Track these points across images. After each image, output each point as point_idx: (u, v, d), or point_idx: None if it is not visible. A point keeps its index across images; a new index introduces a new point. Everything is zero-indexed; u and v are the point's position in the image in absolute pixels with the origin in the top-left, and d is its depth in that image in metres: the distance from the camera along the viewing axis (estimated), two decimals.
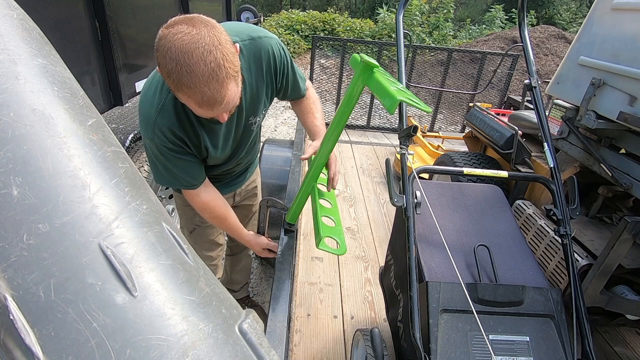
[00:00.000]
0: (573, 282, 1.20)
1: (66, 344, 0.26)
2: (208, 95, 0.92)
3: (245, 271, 2.19)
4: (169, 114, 1.12)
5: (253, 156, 1.62)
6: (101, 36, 1.98)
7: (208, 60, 0.88)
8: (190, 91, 0.91)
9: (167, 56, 0.87)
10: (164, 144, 1.14)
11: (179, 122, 1.14)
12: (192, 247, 0.40)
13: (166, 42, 0.87)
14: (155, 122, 1.11)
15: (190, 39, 0.86)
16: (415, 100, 0.93)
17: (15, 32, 0.34)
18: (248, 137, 1.39)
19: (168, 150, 1.16)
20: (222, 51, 0.90)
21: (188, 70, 0.87)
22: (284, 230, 1.41)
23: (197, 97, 0.92)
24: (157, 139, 1.13)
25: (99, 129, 0.36)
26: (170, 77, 0.90)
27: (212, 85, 0.90)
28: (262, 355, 0.34)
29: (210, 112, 0.98)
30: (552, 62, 7.68)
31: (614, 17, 1.52)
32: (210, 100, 0.93)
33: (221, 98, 0.94)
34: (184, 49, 0.86)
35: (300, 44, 8.66)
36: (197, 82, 0.89)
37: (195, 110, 0.99)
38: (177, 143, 1.16)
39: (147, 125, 1.13)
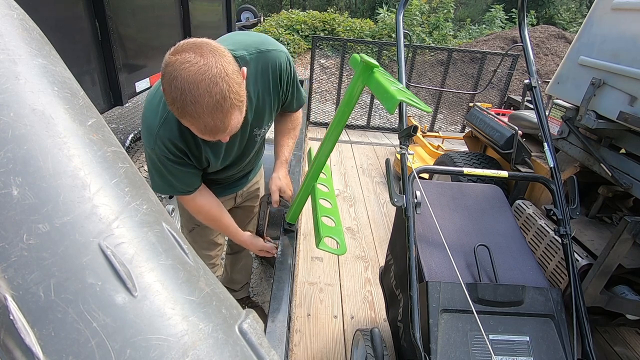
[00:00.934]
0: (573, 282, 1.20)
1: (66, 344, 0.26)
2: (211, 125, 0.92)
3: (246, 270, 2.19)
4: (171, 126, 1.12)
5: (257, 160, 1.63)
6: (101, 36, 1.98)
7: (214, 92, 0.87)
8: (193, 120, 0.91)
9: (173, 85, 0.87)
10: (164, 154, 1.15)
11: (181, 134, 1.14)
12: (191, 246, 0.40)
13: (173, 70, 0.87)
14: (158, 134, 1.12)
15: (197, 70, 0.86)
16: (415, 100, 0.93)
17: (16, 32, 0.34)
18: (252, 147, 1.40)
19: (168, 161, 1.16)
20: (229, 82, 0.90)
21: (193, 100, 0.87)
22: (284, 230, 1.41)
23: (200, 126, 0.93)
24: (159, 150, 1.14)
25: (99, 129, 0.36)
26: (175, 104, 0.90)
27: (217, 116, 0.91)
28: (262, 355, 0.34)
29: (212, 138, 0.99)
30: (552, 62, 7.68)
31: (614, 17, 1.52)
32: (214, 129, 0.94)
33: (224, 127, 0.94)
34: (190, 80, 0.86)
35: (300, 44, 8.66)
36: (201, 112, 0.89)
37: (198, 134, 0.99)
38: (177, 154, 1.17)
39: (149, 136, 1.13)
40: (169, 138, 1.12)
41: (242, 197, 1.73)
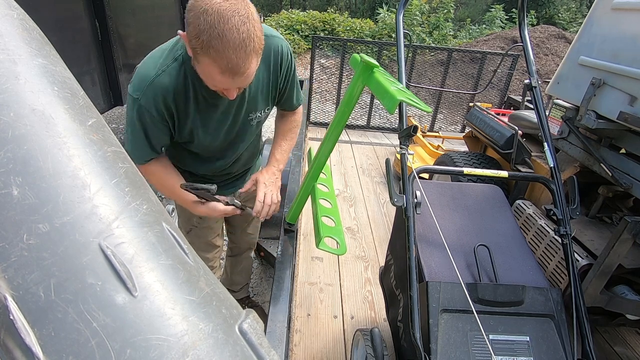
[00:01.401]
0: (573, 282, 1.20)
1: (66, 344, 0.26)
2: (234, 63, 0.94)
3: (246, 272, 2.19)
4: (169, 78, 1.11)
5: (253, 157, 1.61)
6: (101, 36, 1.98)
7: (242, 30, 0.91)
8: (217, 55, 0.93)
9: (202, 17, 0.90)
10: (148, 108, 1.12)
11: (175, 91, 1.13)
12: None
13: (203, 4, 0.90)
14: (152, 83, 1.10)
15: (228, 7, 0.91)
16: (415, 100, 0.93)
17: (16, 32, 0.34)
18: (246, 132, 1.37)
19: (148, 116, 1.13)
20: (254, 25, 0.94)
21: (221, 34, 0.90)
22: (284, 230, 1.41)
23: (223, 63, 0.94)
24: (144, 100, 1.11)
25: (99, 129, 0.36)
26: (200, 37, 0.92)
27: (240, 55, 0.93)
28: (262, 355, 0.34)
29: (229, 81, 1.00)
30: (552, 62, 7.68)
31: (614, 17, 1.52)
32: (235, 68, 0.95)
33: (244, 69, 0.97)
34: (222, 14, 0.90)
35: (300, 44, 8.67)
36: (227, 47, 0.92)
37: (214, 77, 1.00)
38: (161, 111, 1.14)
39: (140, 83, 1.11)
40: (161, 90, 1.11)
41: (241, 197, 1.73)
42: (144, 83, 1.11)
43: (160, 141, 1.22)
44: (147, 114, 1.14)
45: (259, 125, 1.42)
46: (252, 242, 2.03)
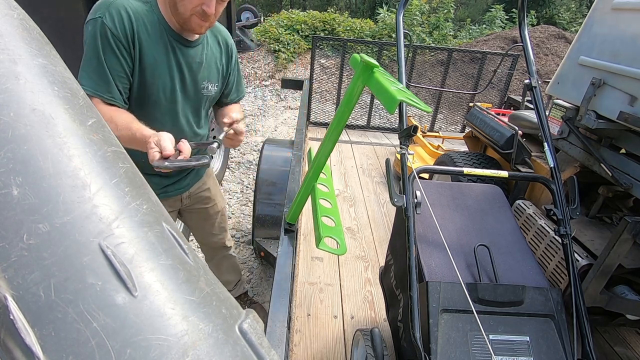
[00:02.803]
0: (573, 282, 1.20)
1: (66, 344, 0.26)
2: None
3: (233, 270, 2.14)
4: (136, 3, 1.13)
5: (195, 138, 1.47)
6: None
7: None
8: None
9: None
10: (110, 27, 1.09)
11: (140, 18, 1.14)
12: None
13: None
14: (115, 1, 1.09)
15: None
16: (415, 100, 0.93)
17: (16, 32, 0.34)
18: (194, 99, 1.37)
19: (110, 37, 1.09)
20: None
21: None
22: (284, 230, 1.41)
23: None
24: (108, 19, 1.08)
25: (99, 129, 0.36)
26: None
27: None
28: (262, 355, 0.34)
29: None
30: (552, 62, 7.68)
31: (614, 17, 1.52)
32: None
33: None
34: None
35: (300, 44, 8.67)
36: None
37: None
38: (124, 31, 1.11)
39: (100, 5, 1.10)
40: (126, 10, 1.10)
41: (190, 199, 1.67)
42: (106, 3, 1.09)
43: (117, 72, 1.14)
44: (109, 32, 1.09)
45: (206, 100, 1.42)
46: (222, 241, 1.96)
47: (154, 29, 1.18)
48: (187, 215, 1.79)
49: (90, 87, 1.12)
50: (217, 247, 1.98)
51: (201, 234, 1.90)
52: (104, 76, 1.13)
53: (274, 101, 7.34)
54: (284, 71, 8.15)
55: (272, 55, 8.37)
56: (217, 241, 1.94)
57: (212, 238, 1.91)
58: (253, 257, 2.99)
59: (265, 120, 6.41)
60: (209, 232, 1.89)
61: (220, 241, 1.96)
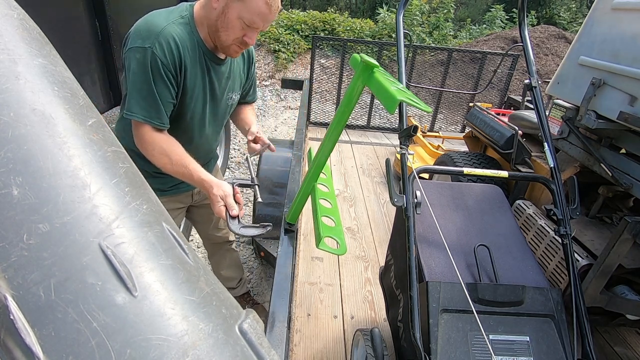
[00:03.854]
0: (573, 282, 1.20)
1: (66, 344, 0.26)
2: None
3: (235, 266, 2.16)
4: (179, 30, 1.16)
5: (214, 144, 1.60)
6: (101, 36, 1.98)
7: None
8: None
9: None
10: (160, 55, 1.11)
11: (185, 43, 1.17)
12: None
13: None
14: (163, 31, 1.12)
15: None
16: (415, 100, 0.93)
17: (16, 32, 0.34)
18: (222, 111, 1.44)
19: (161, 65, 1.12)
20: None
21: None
22: (284, 230, 1.41)
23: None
24: (158, 49, 1.11)
25: (99, 129, 0.36)
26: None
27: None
28: (262, 355, 0.34)
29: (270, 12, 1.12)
30: (552, 62, 7.68)
31: (614, 17, 1.52)
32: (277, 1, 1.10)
33: (280, 5, 1.13)
34: None
35: (300, 44, 8.66)
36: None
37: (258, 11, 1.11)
38: (173, 60, 1.14)
39: (150, 34, 1.11)
40: (174, 39, 1.13)
41: (200, 194, 1.71)
42: (154, 32, 1.11)
43: (166, 98, 1.18)
44: (159, 62, 1.12)
45: (229, 110, 1.49)
46: (226, 236, 2.00)
47: (194, 52, 1.21)
48: (194, 210, 1.81)
49: (141, 115, 1.16)
50: (220, 242, 2.02)
51: (206, 229, 1.93)
52: (155, 104, 1.16)
53: (274, 101, 7.34)
54: (284, 71, 8.14)
55: (272, 55, 8.37)
56: (221, 236, 1.97)
57: (216, 233, 1.95)
58: (253, 257, 2.99)
59: (265, 120, 6.41)
60: (214, 226, 1.92)
61: (225, 236, 2.00)
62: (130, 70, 1.14)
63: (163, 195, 1.54)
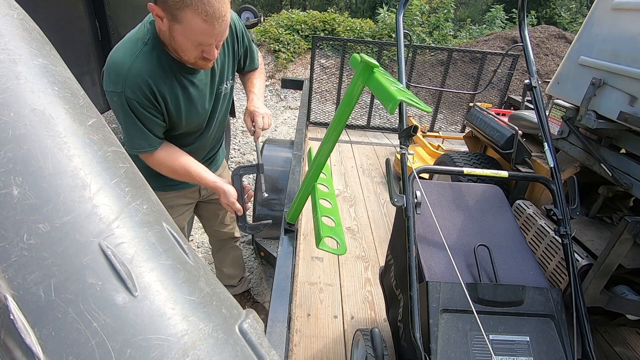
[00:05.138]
0: (573, 282, 1.20)
1: (66, 344, 0.26)
2: (216, 8, 1.00)
3: (237, 263, 2.17)
4: (145, 63, 1.12)
5: (219, 140, 1.62)
6: (101, 36, 1.98)
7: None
8: (200, 3, 0.98)
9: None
10: (135, 97, 1.13)
11: (155, 74, 1.14)
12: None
13: None
14: (129, 71, 1.10)
15: None
16: (415, 100, 0.93)
17: (16, 32, 0.34)
18: (218, 104, 1.42)
19: (138, 105, 1.15)
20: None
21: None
22: (284, 230, 1.41)
23: (206, 9, 0.99)
24: (129, 92, 1.12)
25: (99, 129, 0.36)
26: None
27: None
28: (262, 355, 0.34)
29: (213, 28, 1.04)
30: (552, 62, 7.68)
31: (614, 17, 1.52)
32: (217, 13, 1.01)
33: (224, 13, 1.03)
34: None
35: (300, 44, 8.66)
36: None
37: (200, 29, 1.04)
38: (148, 97, 1.15)
39: (117, 76, 1.11)
40: (142, 76, 1.12)
41: (207, 190, 1.72)
42: (122, 75, 1.11)
43: (157, 126, 1.24)
44: (136, 104, 1.14)
45: (227, 97, 1.47)
46: (231, 232, 2.02)
47: (168, 77, 1.19)
48: (201, 205, 1.83)
49: (131, 147, 1.23)
50: (226, 238, 2.04)
51: (213, 224, 1.94)
52: (143, 135, 1.22)
53: (274, 101, 7.34)
54: (284, 71, 8.14)
55: (272, 55, 8.37)
56: (227, 232, 1.99)
57: (223, 229, 1.96)
58: (253, 257, 2.99)
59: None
60: (221, 222, 1.93)
61: (230, 232, 2.01)
62: (113, 109, 1.20)
63: (172, 189, 1.55)
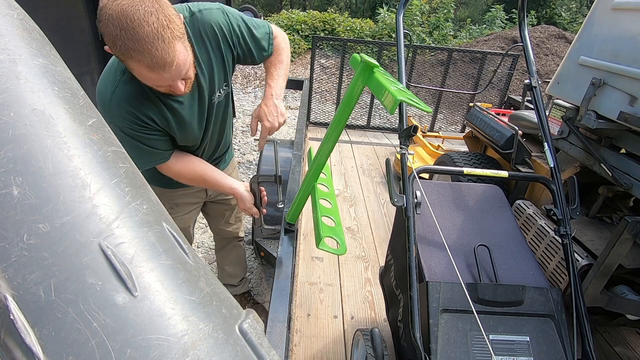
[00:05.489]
0: (573, 282, 1.20)
1: (66, 344, 0.26)
2: (157, 57, 0.91)
3: (239, 263, 2.17)
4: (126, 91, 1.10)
5: (224, 142, 1.59)
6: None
7: (150, 21, 0.88)
8: (139, 55, 0.91)
9: (110, 24, 0.88)
10: (125, 123, 1.12)
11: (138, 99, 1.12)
12: None
13: (107, 10, 0.88)
14: (111, 103, 1.09)
15: (128, 3, 0.87)
16: (415, 100, 0.93)
17: (16, 32, 0.34)
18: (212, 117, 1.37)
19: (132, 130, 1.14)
20: (163, 12, 0.91)
21: (132, 33, 0.88)
22: (284, 230, 1.41)
23: (147, 60, 0.92)
24: (119, 119, 1.11)
25: (99, 129, 0.36)
26: (117, 45, 0.90)
27: (159, 45, 0.90)
28: (262, 355, 0.34)
29: (162, 76, 0.97)
30: (552, 62, 7.68)
31: (614, 17, 1.52)
32: (160, 61, 0.92)
33: (171, 59, 0.94)
34: (126, 14, 0.87)
35: (300, 44, 8.67)
36: (143, 44, 0.89)
37: (148, 77, 0.98)
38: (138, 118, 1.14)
39: (103, 108, 1.11)
40: (122, 106, 1.10)
41: (214, 190, 1.72)
42: (106, 106, 1.10)
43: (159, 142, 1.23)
44: (130, 130, 1.14)
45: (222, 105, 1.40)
46: (236, 232, 2.03)
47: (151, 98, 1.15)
48: (209, 204, 1.83)
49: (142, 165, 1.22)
50: (230, 237, 2.04)
51: (218, 223, 1.95)
52: (147, 152, 1.22)
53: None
54: None
55: None
56: (232, 231, 1.99)
57: (227, 228, 1.97)
58: (253, 257, 2.99)
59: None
60: (226, 221, 1.93)
61: (235, 231, 2.02)
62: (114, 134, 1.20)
63: (180, 187, 1.54)
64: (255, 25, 1.31)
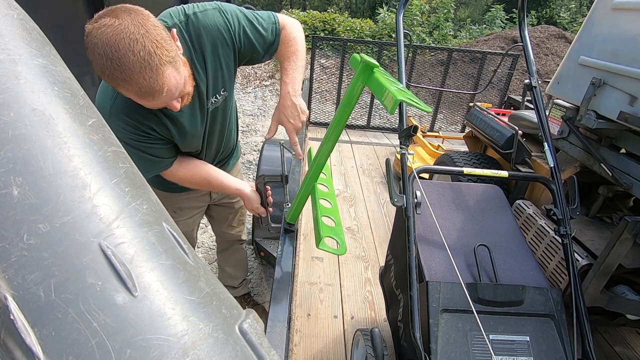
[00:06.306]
0: (573, 282, 1.20)
1: (66, 344, 0.26)
2: (145, 86, 0.89)
3: (241, 265, 2.18)
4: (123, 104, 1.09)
5: (228, 146, 1.57)
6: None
7: (136, 50, 0.85)
8: (126, 84, 0.88)
9: (96, 52, 0.85)
10: (127, 134, 1.12)
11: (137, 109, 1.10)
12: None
13: (92, 38, 0.85)
14: (111, 114, 1.08)
15: (113, 31, 0.84)
16: (415, 100, 0.93)
17: (16, 32, 0.34)
18: (215, 121, 1.36)
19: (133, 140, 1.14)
20: (150, 38, 0.86)
21: (118, 63, 0.85)
22: (284, 230, 1.41)
23: (135, 89, 0.90)
24: (120, 131, 1.10)
25: (99, 129, 0.36)
26: (104, 73, 0.88)
27: (147, 75, 0.87)
28: (262, 355, 0.34)
29: (153, 102, 0.95)
30: (552, 62, 7.68)
31: (614, 17, 1.52)
32: (149, 90, 0.90)
33: (160, 87, 0.91)
34: (109, 43, 0.84)
35: None
36: (130, 74, 0.86)
37: (140, 102, 0.97)
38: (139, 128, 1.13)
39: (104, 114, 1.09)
40: (122, 117, 1.09)
41: (218, 193, 1.72)
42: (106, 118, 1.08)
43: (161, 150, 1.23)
44: (130, 140, 1.13)
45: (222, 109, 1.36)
46: (238, 235, 2.03)
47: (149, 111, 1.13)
48: (212, 207, 1.83)
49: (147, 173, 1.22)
50: (233, 240, 2.05)
51: (221, 226, 1.95)
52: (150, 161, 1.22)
53: (274, 101, 7.34)
54: None
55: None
56: (234, 234, 2.00)
57: (230, 230, 1.97)
58: (253, 257, 2.99)
59: (265, 120, 6.41)
60: (229, 224, 1.94)
61: (238, 234, 2.02)
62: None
63: (183, 191, 1.54)
64: (257, 16, 1.24)
